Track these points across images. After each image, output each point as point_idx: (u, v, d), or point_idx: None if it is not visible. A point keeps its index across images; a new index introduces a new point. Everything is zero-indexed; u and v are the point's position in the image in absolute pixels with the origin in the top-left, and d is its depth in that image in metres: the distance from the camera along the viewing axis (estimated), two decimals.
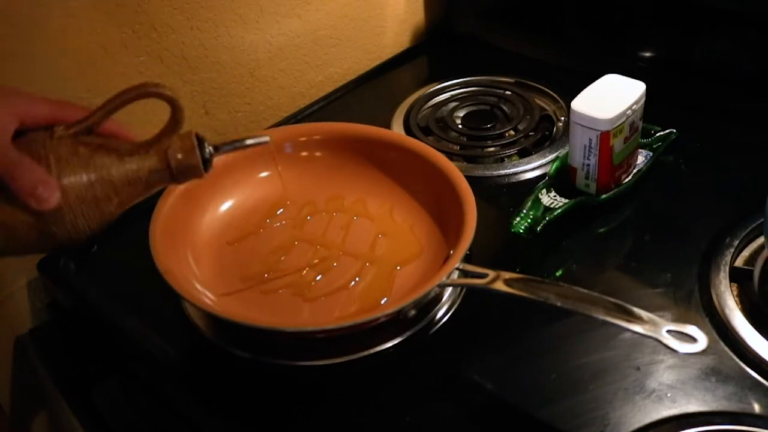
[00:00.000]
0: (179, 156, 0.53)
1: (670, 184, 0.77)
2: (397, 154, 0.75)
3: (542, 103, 0.92)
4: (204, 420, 0.61)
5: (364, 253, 0.70)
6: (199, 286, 0.66)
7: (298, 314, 0.65)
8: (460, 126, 0.90)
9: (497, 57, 1.01)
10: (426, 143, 0.77)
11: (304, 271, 0.69)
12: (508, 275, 0.60)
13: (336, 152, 0.77)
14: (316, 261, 0.70)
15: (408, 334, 0.63)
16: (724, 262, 0.66)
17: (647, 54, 0.91)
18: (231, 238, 0.72)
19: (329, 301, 0.66)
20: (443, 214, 0.71)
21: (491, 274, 0.60)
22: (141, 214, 0.71)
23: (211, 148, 0.55)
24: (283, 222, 0.74)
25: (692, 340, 0.54)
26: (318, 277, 0.68)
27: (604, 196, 0.74)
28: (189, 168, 0.54)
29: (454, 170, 0.70)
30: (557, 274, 0.69)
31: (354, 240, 0.71)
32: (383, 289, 0.67)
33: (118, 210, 0.53)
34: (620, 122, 0.70)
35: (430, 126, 0.89)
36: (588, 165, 0.72)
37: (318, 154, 0.78)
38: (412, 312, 0.64)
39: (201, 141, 0.54)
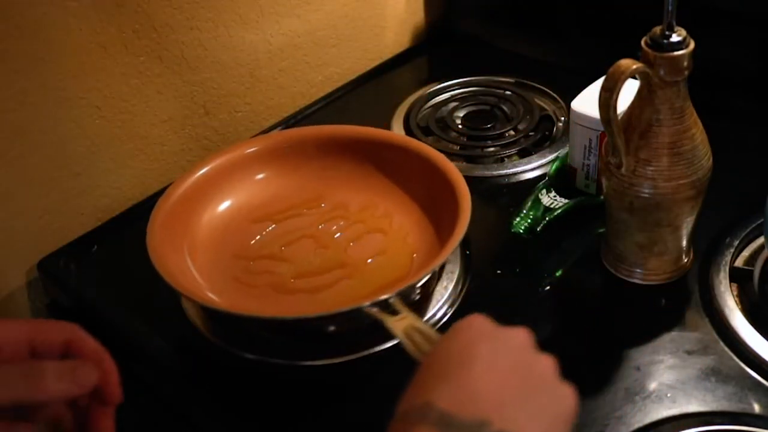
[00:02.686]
0: None
1: None
2: (393, 153, 0.75)
3: (542, 103, 0.92)
4: (204, 420, 0.61)
5: (363, 254, 0.70)
6: (197, 285, 0.66)
7: (295, 310, 0.65)
8: (460, 126, 0.90)
9: (497, 57, 1.01)
10: (426, 143, 0.77)
11: (305, 273, 0.69)
12: (417, 323, 0.53)
13: (333, 154, 0.77)
14: (316, 262, 0.70)
15: None
16: (724, 262, 0.66)
17: None
18: (230, 239, 0.72)
19: (329, 297, 0.66)
20: (439, 212, 0.70)
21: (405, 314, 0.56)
22: (141, 214, 0.71)
23: None
24: (282, 223, 0.74)
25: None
26: (318, 277, 0.68)
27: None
28: None
29: (447, 164, 0.70)
30: (557, 274, 0.69)
31: (354, 241, 0.71)
32: (383, 284, 0.66)
33: None
34: None
35: (430, 126, 0.89)
36: (588, 165, 0.72)
37: (315, 156, 0.78)
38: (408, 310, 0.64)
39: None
